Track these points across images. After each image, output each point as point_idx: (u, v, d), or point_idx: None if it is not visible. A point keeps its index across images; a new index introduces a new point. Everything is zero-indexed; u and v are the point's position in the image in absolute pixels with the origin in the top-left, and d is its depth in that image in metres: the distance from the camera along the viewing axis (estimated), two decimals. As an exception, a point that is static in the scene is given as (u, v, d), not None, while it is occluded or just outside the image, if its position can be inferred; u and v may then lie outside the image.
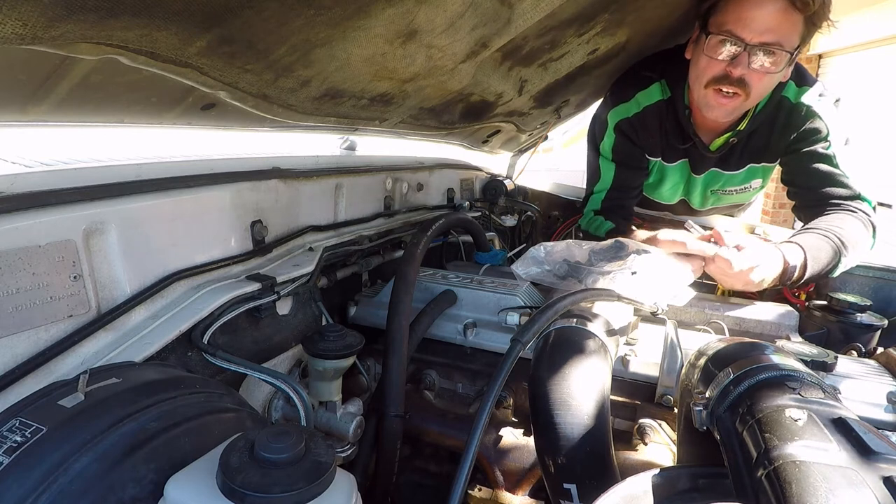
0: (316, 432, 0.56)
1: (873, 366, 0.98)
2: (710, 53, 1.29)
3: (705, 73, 1.32)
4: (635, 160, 1.64)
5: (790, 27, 1.22)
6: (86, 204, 0.76)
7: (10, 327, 0.66)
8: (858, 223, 1.34)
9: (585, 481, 0.82)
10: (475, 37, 1.04)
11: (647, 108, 1.53)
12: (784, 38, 1.22)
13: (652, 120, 1.55)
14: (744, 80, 1.28)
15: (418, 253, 1.15)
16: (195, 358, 0.85)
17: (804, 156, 1.42)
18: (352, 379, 1.18)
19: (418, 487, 1.19)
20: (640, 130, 1.57)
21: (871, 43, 5.16)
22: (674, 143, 1.58)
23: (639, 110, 1.54)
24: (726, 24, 1.25)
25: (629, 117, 1.56)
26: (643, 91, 1.53)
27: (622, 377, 1.05)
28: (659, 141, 1.59)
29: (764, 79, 1.28)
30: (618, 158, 1.64)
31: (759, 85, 1.29)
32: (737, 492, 0.57)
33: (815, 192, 1.42)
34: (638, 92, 1.53)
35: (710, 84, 1.33)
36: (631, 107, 1.55)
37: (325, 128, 1.27)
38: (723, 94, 1.32)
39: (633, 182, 1.68)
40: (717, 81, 1.31)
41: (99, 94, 0.76)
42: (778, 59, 1.24)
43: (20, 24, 0.51)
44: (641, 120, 1.55)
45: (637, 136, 1.59)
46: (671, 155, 1.63)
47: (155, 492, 0.49)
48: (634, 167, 1.65)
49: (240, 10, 0.67)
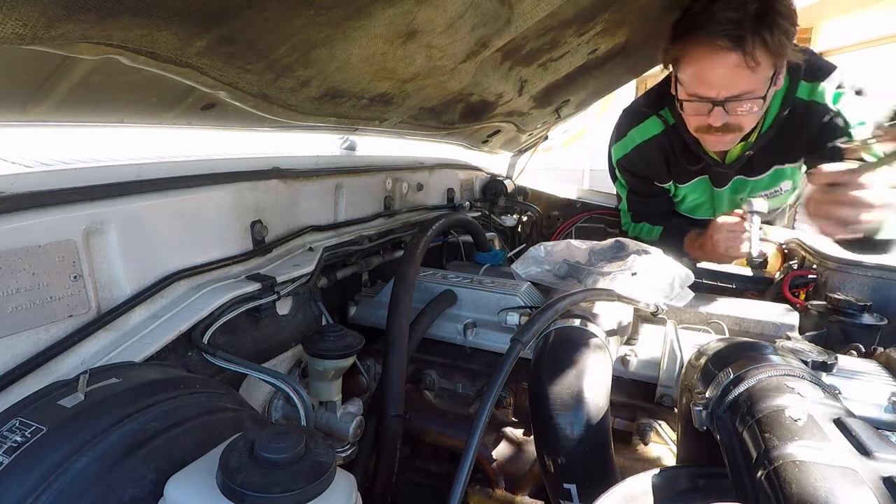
0: (316, 432, 0.56)
1: (873, 366, 0.98)
2: (689, 112, 1.33)
3: (690, 124, 1.37)
4: (645, 186, 1.71)
5: (752, 75, 1.21)
6: (86, 204, 0.76)
7: (10, 327, 0.66)
8: None
9: (585, 481, 0.82)
10: (475, 37, 1.04)
11: (643, 143, 1.59)
12: (751, 86, 1.22)
13: (650, 153, 1.60)
14: (727, 124, 1.30)
15: (418, 253, 1.15)
16: (195, 358, 0.85)
17: (827, 152, 1.38)
18: (352, 379, 1.18)
19: (418, 487, 1.19)
20: (639, 164, 1.64)
21: (871, 42, 5.16)
22: (685, 166, 1.60)
23: (634, 146, 1.61)
24: (692, 87, 1.27)
25: (627, 154, 1.63)
26: (637, 128, 1.58)
27: (622, 377, 1.05)
28: (665, 169, 1.63)
29: (748, 116, 1.29)
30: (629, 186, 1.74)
31: (746, 120, 1.31)
32: (737, 492, 0.57)
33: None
34: (632, 129, 1.59)
35: (698, 132, 1.37)
36: (627, 143, 1.62)
37: (325, 128, 1.27)
38: (715, 135, 1.35)
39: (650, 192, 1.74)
40: (704, 130, 1.35)
41: (99, 94, 0.76)
42: (753, 103, 1.25)
43: (20, 24, 0.51)
44: (640, 154, 1.61)
45: (638, 170, 1.66)
46: (684, 177, 1.65)
47: (155, 492, 0.49)
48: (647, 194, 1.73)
49: (240, 10, 0.67)
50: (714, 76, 1.21)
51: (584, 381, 0.85)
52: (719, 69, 1.20)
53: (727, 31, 1.15)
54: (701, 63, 1.22)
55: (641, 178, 1.68)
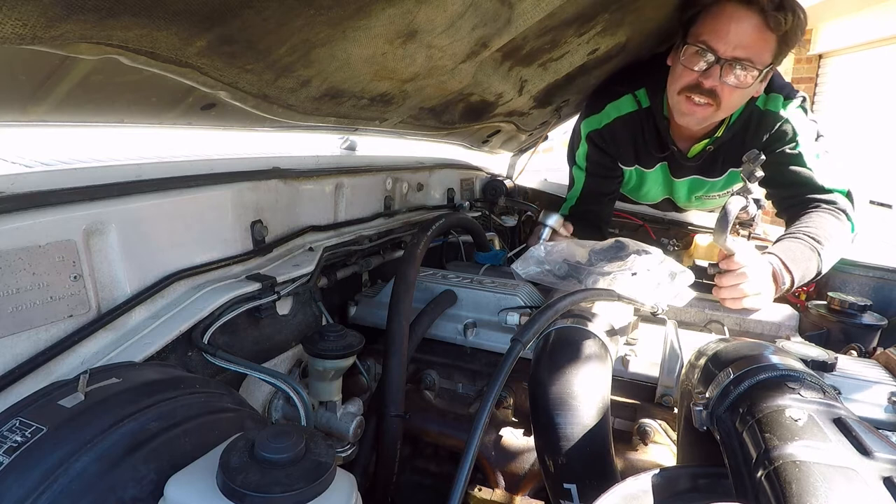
0: (316, 432, 0.56)
1: (873, 366, 0.98)
2: (686, 63, 1.34)
3: (679, 80, 1.38)
4: (606, 169, 1.71)
5: (763, 45, 1.27)
6: (86, 204, 0.76)
7: (10, 327, 0.66)
8: (831, 217, 1.37)
9: (585, 481, 0.82)
10: (475, 37, 1.04)
11: (618, 119, 1.60)
12: (756, 55, 1.27)
13: (622, 131, 1.61)
14: (714, 91, 1.33)
15: (418, 253, 1.15)
16: (195, 358, 0.85)
17: (775, 158, 1.45)
18: (352, 379, 1.18)
19: (418, 487, 1.19)
20: (609, 141, 1.64)
21: (871, 43, 5.17)
22: (651, 151, 1.63)
23: (609, 121, 1.61)
24: (702, 36, 1.30)
25: (599, 128, 1.63)
26: (613, 103, 1.59)
27: (622, 377, 1.05)
28: (632, 150, 1.66)
29: (734, 92, 1.33)
30: (590, 168, 1.71)
31: (730, 98, 1.34)
32: (737, 492, 0.57)
33: (788, 192, 1.46)
34: (608, 103, 1.60)
35: (682, 91, 1.37)
36: (602, 118, 1.62)
37: (325, 128, 1.27)
38: (694, 102, 1.36)
39: (605, 189, 1.75)
40: (689, 89, 1.36)
41: (99, 94, 0.76)
42: (748, 75, 1.29)
43: (20, 24, 0.51)
44: (611, 131, 1.62)
45: (607, 146, 1.66)
46: (648, 161, 1.69)
47: (155, 492, 0.49)
48: (605, 176, 1.72)
49: (240, 10, 0.67)
50: (730, 28, 1.26)
51: (585, 382, 0.85)
52: (737, 24, 1.25)
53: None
54: (723, 14, 1.27)
55: (607, 157, 1.68)
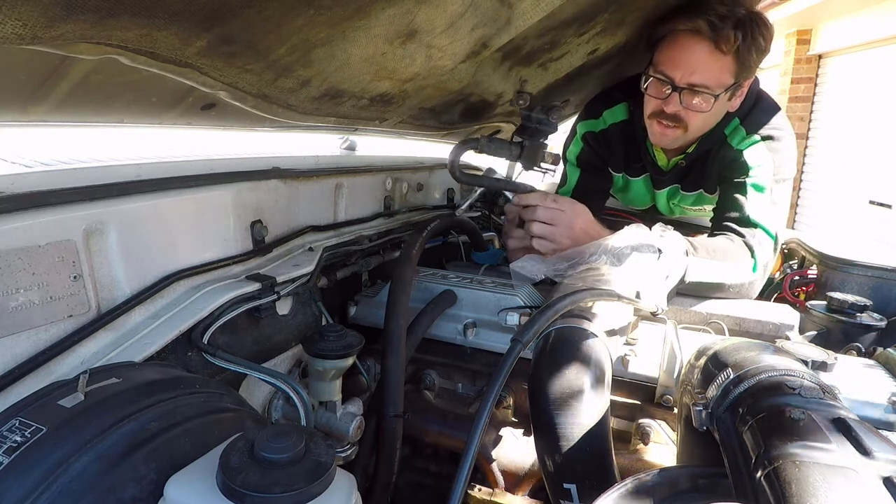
0: (316, 432, 0.56)
1: (873, 366, 0.98)
2: (649, 91, 1.39)
3: (648, 106, 1.43)
4: (598, 168, 1.73)
5: (718, 68, 1.28)
6: (86, 204, 0.76)
7: (10, 327, 0.66)
8: (731, 245, 1.34)
9: (585, 481, 0.82)
10: (475, 37, 1.04)
11: (612, 125, 1.62)
12: (711, 79, 1.29)
13: (616, 137, 1.64)
14: (678, 115, 1.36)
15: (414, 253, 1.15)
16: (195, 358, 0.85)
17: (723, 185, 1.48)
18: (352, 379, 1.18)
19: (418, 487, 1.19)
20: (603, 145, 1.67)
21: (871, 43, 5.17)
22: (635, 161, 1.67)
23: (605, 127, 1.63)
24: (660, 65, 1.33)
25: (595, 132, 1.66)
26: (609, 109, 1.62)
27: (622, 377, 1.05)
28: (622, 157, 1.68)
29: (698, 116, 1.35)
30: (582, 164, 1.72)
31: (695, 120, 1.37)
32: (737, 492, 0.57)
33: (719, 213, 1.46)
34: (605, 109, 1.62)
35: (651, 116, 1.42)
36: (598, 123, 1.64)
37: (325, 128, 1.27)
38: (663, 125, 1.40)
39: (596, 186, 1.76)
40: (655, 115, 1.40)
41: (99, 94, 0.76)
42: (705, 99, 1.31)
43: (20, 24, 0.51)
44: (606, 136, 1.64)
45: (601, 150, 1.68)
46: (634, 170, 1.72)
47: (155, 492, 0.49)
48: (597, 174, 1.74)
49: (240, 10, 0.67)
50: (682, 57, 1.29)
51: (584, 382, 0.85)
52: (689, 52, 1.28)
53: (710, 17, 1.23)
54: (675, 42, 1.30)
55: (599, 159, 1.71)
